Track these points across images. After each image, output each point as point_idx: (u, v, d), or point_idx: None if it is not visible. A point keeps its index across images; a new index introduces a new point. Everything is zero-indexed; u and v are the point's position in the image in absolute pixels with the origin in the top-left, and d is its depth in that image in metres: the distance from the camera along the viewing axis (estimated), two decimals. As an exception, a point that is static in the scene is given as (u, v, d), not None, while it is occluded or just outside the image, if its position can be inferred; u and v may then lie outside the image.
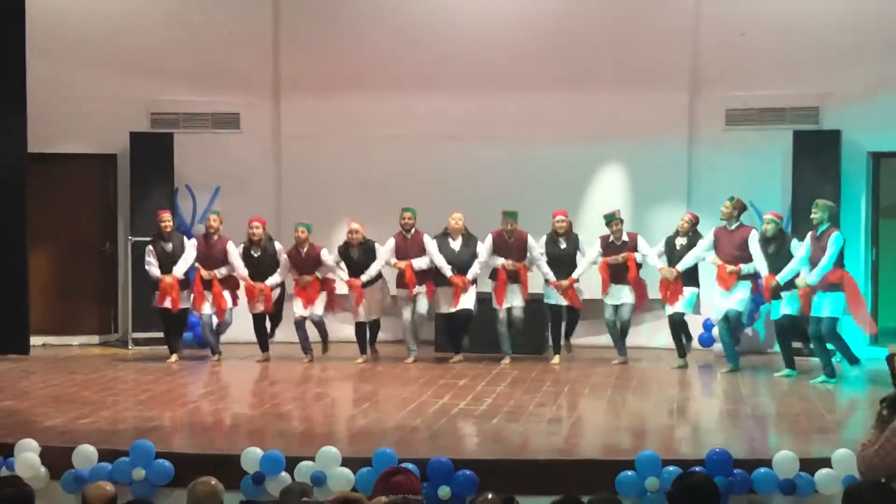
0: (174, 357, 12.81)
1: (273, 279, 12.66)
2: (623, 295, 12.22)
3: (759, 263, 11.54)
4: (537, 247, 12.43)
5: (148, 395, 10.63)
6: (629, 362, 12.40)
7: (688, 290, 11.97)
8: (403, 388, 11.02)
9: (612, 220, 12.25)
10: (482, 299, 12.58)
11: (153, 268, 12.72)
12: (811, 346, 11.52)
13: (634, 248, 12.19)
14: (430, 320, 12.87)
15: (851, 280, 11.08)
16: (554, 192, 13.36)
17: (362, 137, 13.99)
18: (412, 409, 9.93)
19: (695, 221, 12.18)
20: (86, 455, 8.00)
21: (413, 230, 12.53)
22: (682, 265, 11.92)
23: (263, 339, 12.89)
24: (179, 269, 12.68)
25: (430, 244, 12.48)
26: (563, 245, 12.40)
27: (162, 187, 13.92)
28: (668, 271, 11.94)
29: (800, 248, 11.28)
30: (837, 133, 13.08)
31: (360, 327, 12.72)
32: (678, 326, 12.14)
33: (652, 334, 13.13)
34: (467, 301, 12.43)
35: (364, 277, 12.48)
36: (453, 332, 12.73)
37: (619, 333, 12.38)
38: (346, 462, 7.83)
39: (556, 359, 12.49)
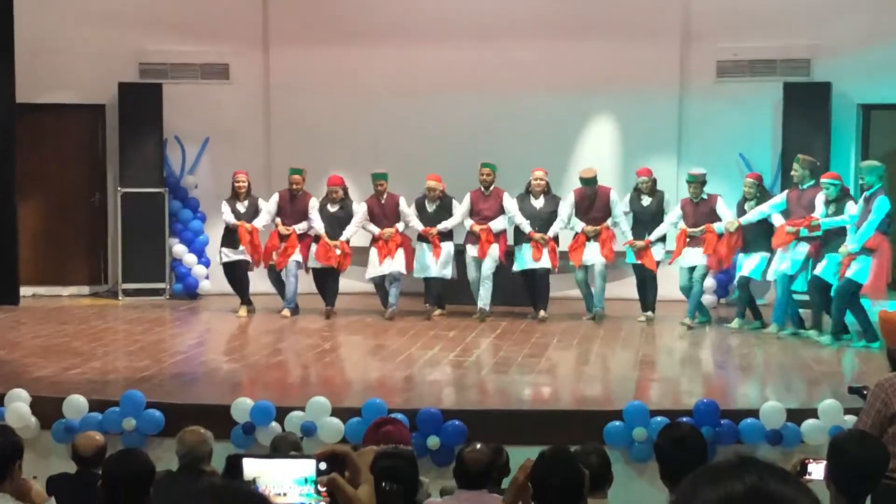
0: (243, 309, 12.60)
1: (348, 231, 12.41)
2: (696, 257, 11.80)
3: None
4: (621, 204, 12.11)
5: (138, 346, 10.65)
6: (613, 315, 12.39)
7: (757, 255, 11.52)
8: (393, 339, 11.04)
9: (692, 181, 11.81)
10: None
11: (229, 216, 12.55)
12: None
13: (713, 209, 11.75)
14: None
15: (887, 248, 10.58)
16: (544, 145, 13.32)
17: (352, 89, 13.91)
18: (402, 360, 9.97)
19: (759, 182, 11.75)
20: (76, 405, 8.04)
21: (493, 187, 12.23)
22: (745, 219, 11.48)
23: (325, 291, 12.65)
24: (260, 221, 12.53)
25: (510, 202, 12.20)
26: (647, 203, 12.09)
27: (151, 138, 13.86)
28: (730, 223, 11.50)
29: (851, 208, 10.80)
30: (828, 85, 13.05)
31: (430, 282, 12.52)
32: (745, 291, 11.73)
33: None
34: (546, 259, 12.17)
35: (440, 226, 12.23)
36: (531, 288, 12.45)
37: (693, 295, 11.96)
38: (335, 412, 7.89)
39: (643, 316, 12.10)
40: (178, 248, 13.87)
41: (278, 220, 12.52)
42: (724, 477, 1.58)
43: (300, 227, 12.49)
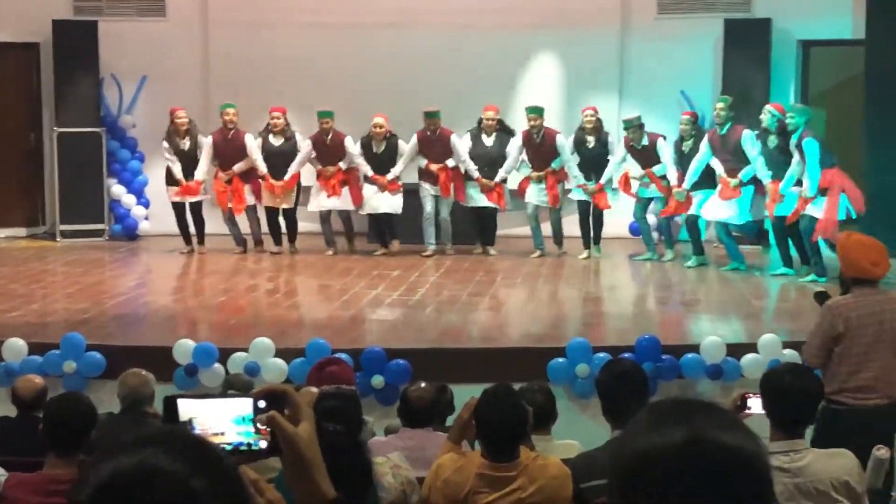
0: (188, 248, 12.47)
1: (293, 167, 12.21)
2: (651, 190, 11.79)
3: (760, 169, 11.01)
4: (569, 147, 11.98)
5: (78, 288, 10.52)
6: (564, 253, 12.39)
7: (701, 194, 11.38)
8: (337, 279, 11.01)
9: (629, 126, 11.70)
10: (415, 189, 12.41)
11: (175, 166, 12.29)
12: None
13: (654, 151, 11.62)
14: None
15: (839, 185, 10.49)
16: (487, 83, 13.24)
17: (292, 24, 13.70)
18: (346, 299, 9.95)
19: (694, 119, 11.71)
20: (15, 348, 7.95)
21: (439, 131, 12.06)
22: (689, 181, 11.37)
23: (277, 232, 12.50)
24: (201, 172, 12.26)
25: (459, 144, 12.06)
26: (591, 144, 11.91)
27: (87, 77, 13.59)
28: (679, 194, 11.39)
29: (796, 155, 10.69)
30: (768, 21, 13.07)
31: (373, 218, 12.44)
32: (692, 227, 11.61)
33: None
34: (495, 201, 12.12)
35: (390, 176, 12.10)
36: (480, 225, 12.45)
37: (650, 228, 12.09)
38: (279, 353, 7.86)
39: (585, 254, 12.11)
40: (117, 189, 13.69)
41: (217, 168, 12.29)
42: (665, 423, 1.56)
43: (240, 167, 12.29)
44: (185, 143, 12.35)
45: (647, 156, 11.74)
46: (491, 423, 4.44)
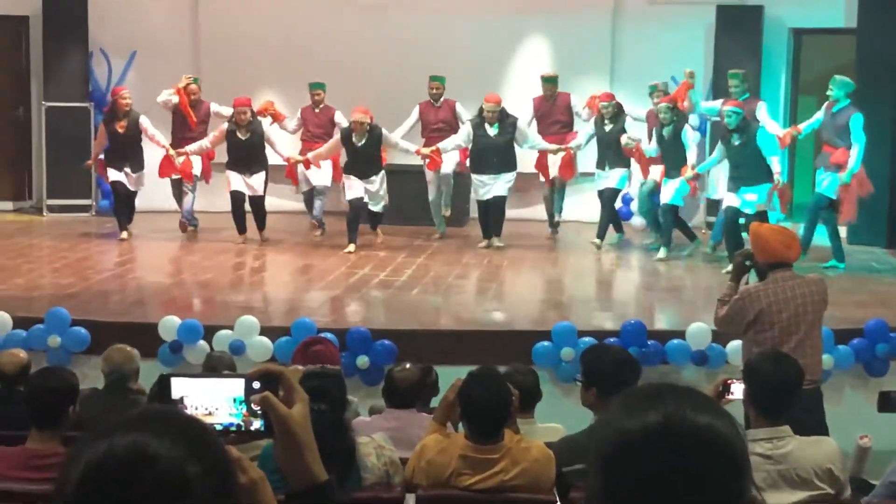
0: (125, 234, 11.92)
1: (286, 129, 12.13)
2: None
3: (772, 128, 10.92)
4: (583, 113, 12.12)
5: (63, 263, 10.49)
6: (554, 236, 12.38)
7: (677, 181, 11.09)
8: (323, 259, 10.98)
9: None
10: (406, 171, 12.32)
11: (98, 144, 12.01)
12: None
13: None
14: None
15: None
16: (478, 65, 13.20)
17: (283, 0, 13.64)
18: (332, 279, 9.93)
19: (673, 105, 11.34)
20: (0, 322, 7.91)
21: (443, 99, 12.09)
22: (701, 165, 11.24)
23: (241, 219, 11.74)
24: (159, 139, 11.75)
25: (465, 112, 12.03)
26: (609, 128, 11.63)
27: (76, 50, 13.51)
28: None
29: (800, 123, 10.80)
30: (760, 8, 13.05)
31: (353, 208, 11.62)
32: (668, 216, 11.36)
33: (575, 208, 12.96)
34: (501, 188, 11.69)
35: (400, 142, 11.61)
36: (486, 219, 11.92)
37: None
38: (264, 331, 7.85)
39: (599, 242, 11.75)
40: (105, 164, 13.61)
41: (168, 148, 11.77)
42: (642, 406, 1.57)
43: (191, 149, 11.70)
44: (122, 124, 11.77)
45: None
46: (476, 405, 4.44)
